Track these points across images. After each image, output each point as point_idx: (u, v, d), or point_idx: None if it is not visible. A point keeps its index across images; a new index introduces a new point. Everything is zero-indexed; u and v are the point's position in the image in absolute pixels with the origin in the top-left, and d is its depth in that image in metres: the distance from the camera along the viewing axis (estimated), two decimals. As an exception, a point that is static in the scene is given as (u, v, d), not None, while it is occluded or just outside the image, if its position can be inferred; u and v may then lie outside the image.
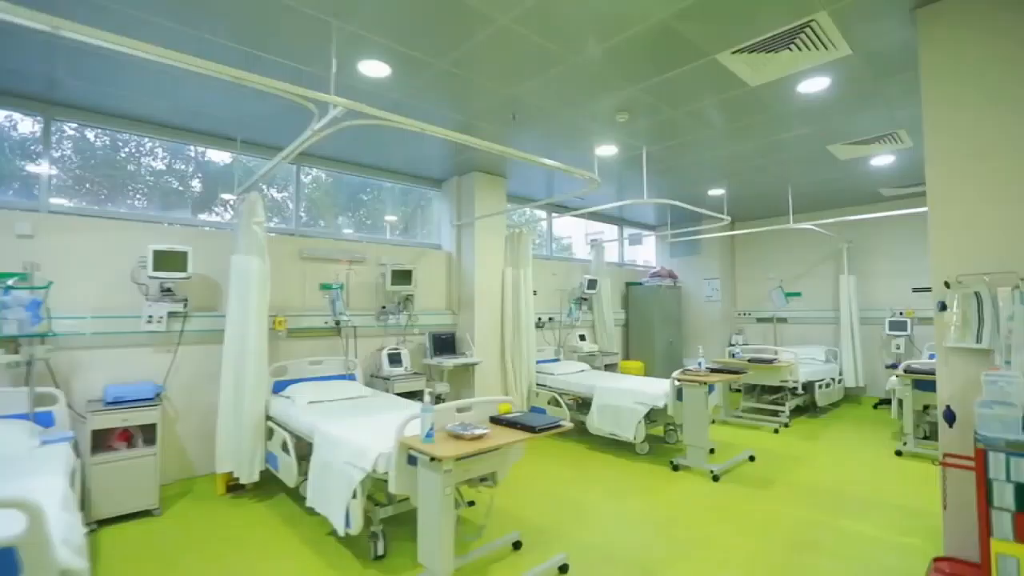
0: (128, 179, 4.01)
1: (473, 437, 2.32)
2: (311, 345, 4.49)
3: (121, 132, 3.92)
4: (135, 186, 4.04)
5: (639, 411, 4.35)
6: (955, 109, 2.41)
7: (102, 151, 3.92)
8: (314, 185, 5.11)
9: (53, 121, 3.64)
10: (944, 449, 2.33)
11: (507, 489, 3.73)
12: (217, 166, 4.43)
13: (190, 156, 4.29)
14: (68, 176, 3.77)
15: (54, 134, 3.68)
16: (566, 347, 6.50)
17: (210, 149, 4.32)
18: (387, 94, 3.43)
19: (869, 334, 6.83)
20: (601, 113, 3.82)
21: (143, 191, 4.07)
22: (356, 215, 5.42)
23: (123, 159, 4.01)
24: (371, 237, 5.27)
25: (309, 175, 5.07)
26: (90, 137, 3.88)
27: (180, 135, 4.10)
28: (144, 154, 4.10)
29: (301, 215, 4.81)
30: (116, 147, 3.98)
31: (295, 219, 4.73)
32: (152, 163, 4.14)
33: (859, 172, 5.43)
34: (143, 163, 4.08)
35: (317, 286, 4.54)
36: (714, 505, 3.43)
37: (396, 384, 4.47)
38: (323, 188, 5.17)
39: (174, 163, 4.25)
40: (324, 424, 3.06)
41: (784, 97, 3.55)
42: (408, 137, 4.38)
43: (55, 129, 3.68)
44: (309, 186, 5.08)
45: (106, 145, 3.94)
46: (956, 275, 2.33)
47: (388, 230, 5.63)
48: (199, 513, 3.33)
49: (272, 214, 4.71)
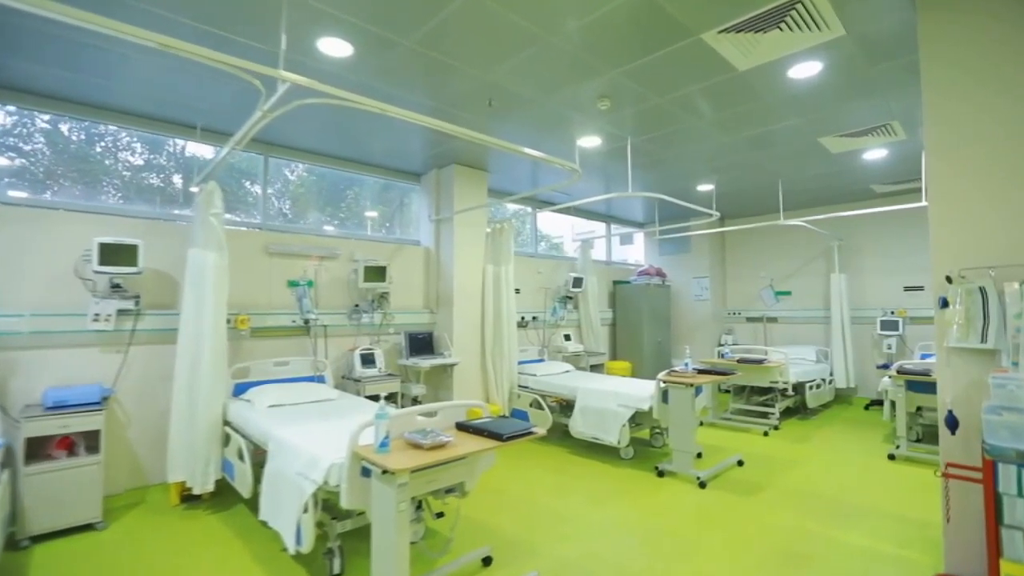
0: (77, 168, 3.75)
1: (433, 446, 2.10)
2: (277, 345, 4.25)
3: (64, 115, 3.65)
4: (86, 177, 3.78)
5: (623, 414, 4.15)
6: (957, 95, 2.23)
7: (44, 136, 3.66)
8: (298, 183, 4.90)
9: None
10: (946, 458, 2.15)
11: (480, 497, 3.52)
12: (194, 159, 4.18)
13: (154, 146, 4.04)
14: (7, 162, 3.50)
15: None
16: (551, 347, 6.30)
17: (167, 137, 4.07)
18: (350, 76, 3.21)
19: (860, 334, 6.69)
20: (582, 100, 3.61)
21: (97, 182, 3.81)
22: (339, 212, 5.19)
23: (74, 147, 3.75)
24: (344, 232, 5.04)
25: (295, 172, 4.86)
26: (34, 122, 3.62)
27: (134, 121, 3.84)
28: (99, 142, 3.84)
29: (284, 210, 4.56)
30: (62, 133, 3.72)
31: (263, 213, 4.48)
32: (108, 152, 3.89)
33: (851, 167, 5.27)
34: (97, 152, 3.83)
35: (285, 283, 4.29)
36: (700, 514, 3.24)
37: (368, 386, 4.24)
38: (306, 185, 4.95)
39: (136, 153, 4.00)
40: (279, 430, 2.83)
41: (774, 83, 3.36)
42: (383, 128, 4.16)
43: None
44: (293, 183, 4.87)
45: (50, 131, 3.67)
46: (958, 269, 2.15)
47: (370, 227, 5.40)
48: (147, 526, 3.08)
49: (256, 212, 4.48)
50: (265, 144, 4.47)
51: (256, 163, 4.52)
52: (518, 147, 3.11)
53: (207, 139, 4.08)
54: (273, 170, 4.69)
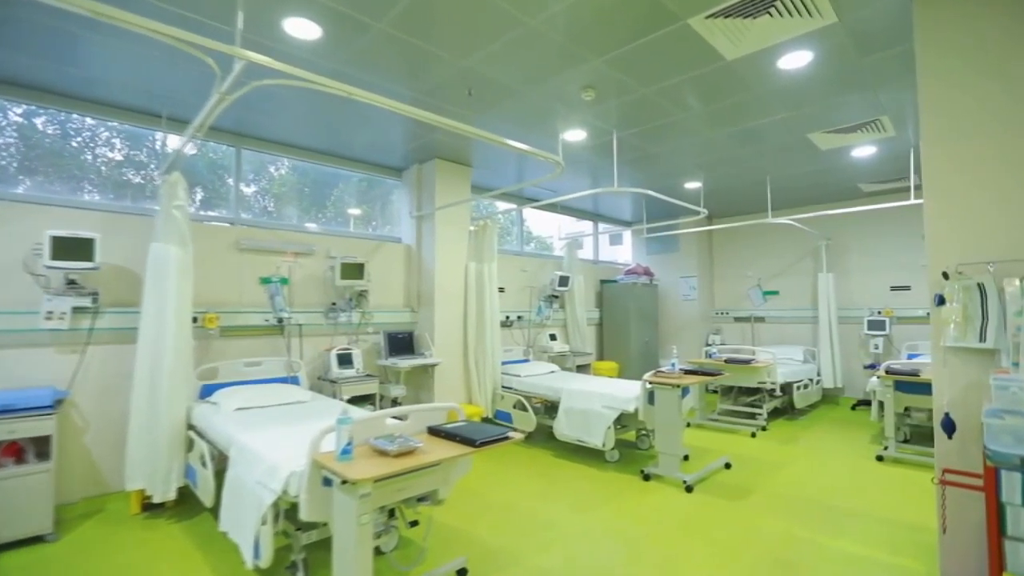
0: (39, 159, 3.54)
1: (400, 452, 1.96)
2: (249, 345, 4.07)
3: (16, 102, 3.44)
4: (49, 169, 3.57)
5: (608, 416, 4.03)
6: (954, 83, 2.13)
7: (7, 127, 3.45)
8: (279, 181, 4.75)
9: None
10: (942, 463, 2.05)
11: (458, 503, 3.37)
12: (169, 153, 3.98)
13: (134, 140, 3.84)
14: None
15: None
16: (536, 347, 6.17)
17: (132, 127, 3.86)
18: (322, 61, 3.05)
19: (847, 333, 6.65)
20: (566, 91, 3.48)
21: (65, 176, 3.60)
22: (325, 211, 5.03)
23: (37, 136, 3.54)
24: (321, 228, 4.85)
25: (279, 169, 4.70)
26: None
27: (96, 109, 3.64)
28: (64, 133, 3.63)
29: (268, 208, 4.37)
30: (19, 124, 3.51)
31: (235, 207, 4.29)
32: (83, 146, 3.69)
33: (839, 165, 5.20)
34: (67, 145, 3.62)
35: (257, 280, 4.11)
36: (687, 519, 3.13)
37: (344, 387, 4.08)
38: (288, 183, 4.80)
39: (115, 149, 3.80)
40: (242, 434, 2.66)
41: (763, 74, 3.26)
42: (361, 119, 3.99)
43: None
44: (275, 181, 4.72)
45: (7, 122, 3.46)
46: (956, 265, 2.05)
47: (352, 224, 5.24)
48: (102, 537, 2.89)
49: (242, 210, 4.31)
50: (237, 135, 4.28)
51: (247, 160, 4.39)
52: (498, 137, 2.97)
53: (173, 128, 3.89)
54: (257, 167, 4.55)
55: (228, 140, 4.27)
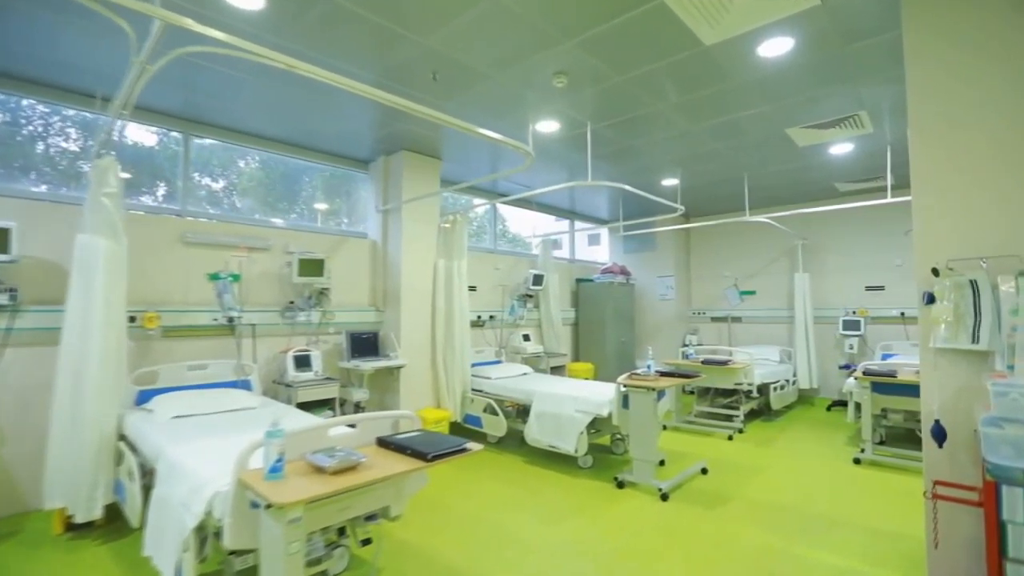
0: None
1: (338, 469, 1.72)
2: (196, 346, 3.76)
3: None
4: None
5: (581, 420, 3.85)
6: (943, 67, 2.00)
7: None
8: (249, 173, 4.48)
9: None
10: (932, 474, 1.90)
11: (419, 516, 3.14)
12: (124, 143, 3.65)
13: (84, 127, 3.50)
14: None
15: None
16: (508, 348, 5.96)
17: (62, 106, 3.53)
18: (267, 36, 2.78)
19: (822, 334, 6.61)
20: (537, 77, 3.28)
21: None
22: (290, 204, 4.75)
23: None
24: (278, 221, 4.55)
25: (252, 163, 4.44)
26: None
27: (24, 87, 3.30)
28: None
29: (237, 204, 4.06)
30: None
31: (182, 198, 3.98)
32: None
33: (816, 163, 5.13)
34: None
35: (206, 276, 3.81)
36: (661, 530, 2.95)
37: (300, 392, 3.80)
38: (255, 177, 4.53)
39: (70, 139, 3.46)
40: (172, 446, 2.39)
41: (743, 63, 3.11)
42: (322, 106, 3.73)
43: None
44: (244, 174, 4.47)
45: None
46: (946, 260, 1.91)
47: (320, 219, 4.96)
48: (16, 562, 2.58)
49: (209, 205, 4.01)
50: (186, 121, 3.96)
51: (215, 154, 4.11)
52: (463, 123, 2.75)
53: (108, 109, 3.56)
54: (226, 161, 4.31)
55: (177, 126, 3.96)
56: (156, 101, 3.65)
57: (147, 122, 3.83)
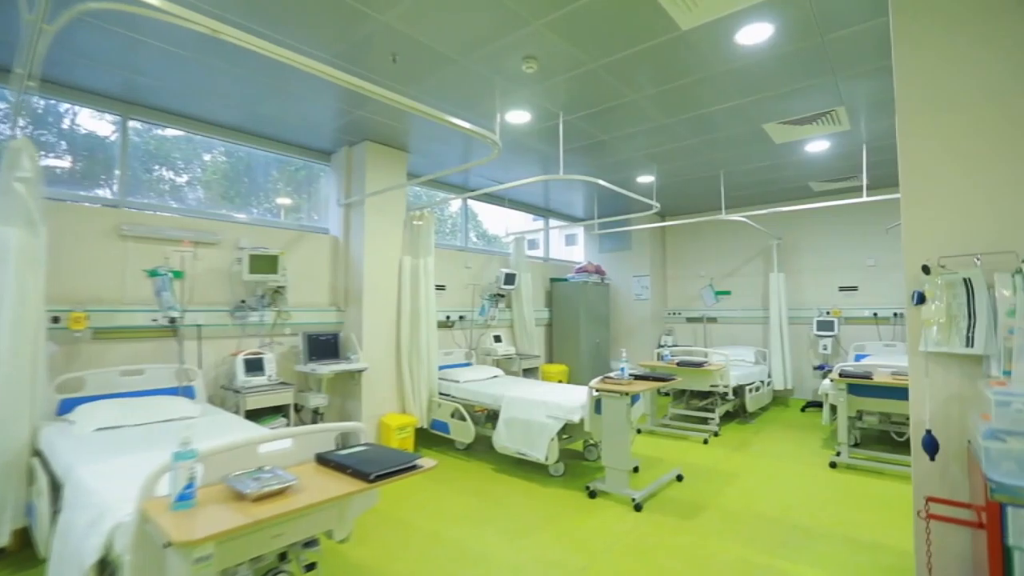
0: None
1: (261, 496, 1.48)
2: (133, 349, 3.44)
3: None
4: None
5: (552, 427, 3.65)
6: (933, 49, 1.85)
7: None
8: (202, 165, 4.18)
9: None
10: (922, 489, 1.76)
11: (373, 533, 2.90)
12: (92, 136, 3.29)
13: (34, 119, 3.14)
14: None
15: None
16: (479, 350, 5.73)
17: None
18: (209, 8, 2.50)
19: (797, 334, 6.57)
20: (505, 61, 3.08)
21: None
22: (248, 199, 4.45)
23: None
24: (228, 214, 4.23)
25: (206, 154, 4.17)
26: None
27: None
28: None
29: (201, 198, 3.73)
30: None
31: (119, 187, 3.64)
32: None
33: (792, 161, 5.05)
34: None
35: (144, 273, 3.48)
36: (634, 544, 2.78)
37: (249, 398, 3.51)
38: (219, 170, 4.25)
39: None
40: (84, 465, 2.10)
41: (720, 50, 2.95)
42: (276, 89, 3.44)
43: None
44: (208, 167, 4.22)
45: None
46: (938, 257, 1.77)
47: (283, 214, 4.66)
48: (-98, 599, 2.26)
49: (173, 199, 3.71)
50: (124, 103, 3.63)
51: (177, 147, 3.86)
52: (426, 108, 2.53)
53: (8, 82, 3.22)
54: (189, 154, 4.06)
55: (115, 108, 3.63)
56: (92, 81, 3.32)
57: (81, 103, 3.49)
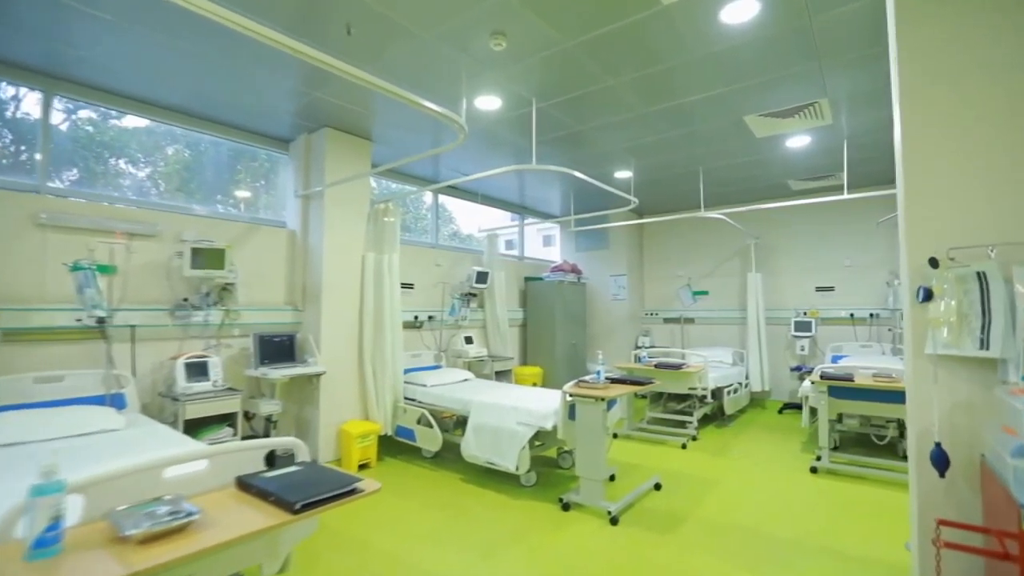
0: None
1: (149, 536, 1.19)
2: (52, 353, 3.07)
3: None
4: None
5: (523, 434, 3.41)
6: (937, 20, 1.67)
7: None
8: (174, 156, 3.86)
9: None
10: (927, 508, 1.57)
11: (325, 556, 2.61)
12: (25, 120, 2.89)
13: None
14: None
15: None
16: (449, 351, 5.46)
17: None
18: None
19: (774, 335, 6.47)
20: (471, 37, 2.82)
21: None
22: (197, 189, 4.10)
23: None
24: (169, 204, 3.86)
25: (174, 148, 3.89)
26: None
27: None
28: None
29: (161, 191, 3.35)
30: None
31: (40, 171, 3.26)
32: None
33: (772, 157, 4.92)
34: None
35: (67, 267, 3.11)
36: (610, 561, 2.56)
37: (190, 407, 3.18)
38: (177, 161, 3.92)
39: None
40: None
41: (703, 29, 2.75)
42: (220, 64, 3.11)
43: None
44: (170, 158, 3.92)
45: None
46: (947, 249, 1.58)
47: (243, 207, 4.31)
48: None
49: (131, 190, 3.37)
50: (47, 77, 3.26)
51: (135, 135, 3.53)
52: (388, 84, 2.25)
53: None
54: (150, 147, 3.76)
55: (37, 82, 3.25)
56: (9, 51, 2.96)
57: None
